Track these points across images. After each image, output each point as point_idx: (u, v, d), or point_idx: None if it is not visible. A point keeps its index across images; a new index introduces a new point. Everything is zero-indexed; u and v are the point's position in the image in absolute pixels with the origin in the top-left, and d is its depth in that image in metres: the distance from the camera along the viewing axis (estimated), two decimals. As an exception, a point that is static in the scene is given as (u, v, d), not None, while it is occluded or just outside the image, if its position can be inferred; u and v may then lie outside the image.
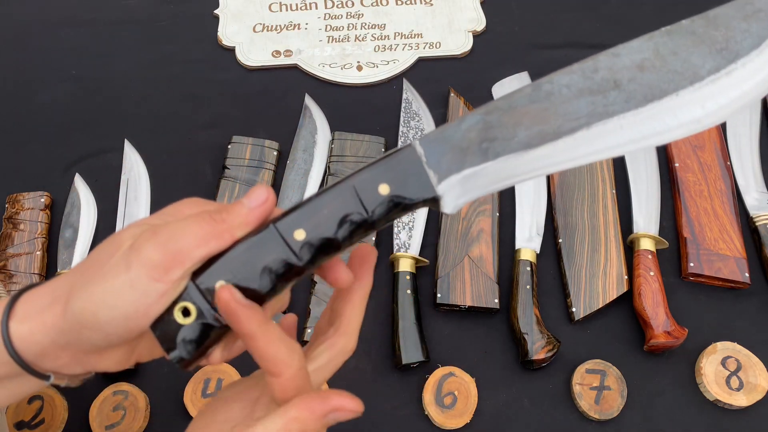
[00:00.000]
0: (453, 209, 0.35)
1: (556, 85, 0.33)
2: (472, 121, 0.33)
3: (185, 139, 0.86)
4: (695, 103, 0.32)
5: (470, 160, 0.33)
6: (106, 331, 0.37)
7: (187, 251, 0.35)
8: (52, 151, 0.85)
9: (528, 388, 0.68)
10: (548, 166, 0.33)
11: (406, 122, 0.85)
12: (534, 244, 0.75)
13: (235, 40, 0.96)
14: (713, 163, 0.79)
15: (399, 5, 1.00)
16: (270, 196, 0.38)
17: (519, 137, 0.32)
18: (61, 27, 0.98)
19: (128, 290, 0.35)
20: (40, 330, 0.38)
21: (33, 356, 0.39)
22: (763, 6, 0.33)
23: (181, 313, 0.36)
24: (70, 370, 0.40)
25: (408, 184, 0.35)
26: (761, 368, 0.67)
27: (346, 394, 0.37)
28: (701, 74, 0.32)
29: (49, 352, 0.39)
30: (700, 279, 0.73)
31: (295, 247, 0.36)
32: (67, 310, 0.37)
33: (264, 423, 0.36)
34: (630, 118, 0.32)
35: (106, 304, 0.36)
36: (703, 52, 0.33)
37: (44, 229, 0.77)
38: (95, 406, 0.65)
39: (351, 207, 0.35)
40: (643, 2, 1.00)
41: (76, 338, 0.38)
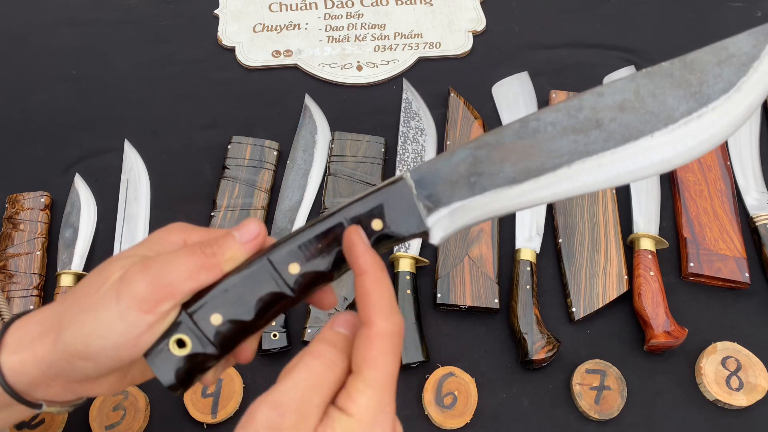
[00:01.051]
0: (439, 240, 0.36)
1: (542, 123, 0.34)
2: (462, 155, 0.35)
3: (185, 139, 0.86)
4: (668, 144, 0.33)
5: (459, 193, 0.35)
6: (97, 361, 0.37)
7: (176, 285, 0.36)
8: (52, 151, 0.85)
9: (528, 388, 0.68)
10: (532, 201, 0.35)
11: (406, 122, 0.85)
12: (534, 244, 0.75)
13: (235, 40, 0.96)
14: (713, 163, 0.79)
15: (399, 5, 1.00)
16: (262, 231, 0.38)
17: (505, 172, 0.34)
18: (61, 27, 0.98)
19: (118, 321, 0.36)
20: (30, 361, 0.38)
21: (24, 386, 0.39)
22: (735, 51, 0.34)
23: (176, 344, 0.37)
24: (61, 398, 0.41)
25: (399, 219, 0.36)
26: (761, 368, 0.67)
27: None
28: (675, 116, 0.34)
29: (40, 382, 0.39)
30: (700, 279, 0.74)
31: (289, 281, 0.37)
32: (58, 341, 0.37)
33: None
34: (608, 156, 0.33)
35: (97, 334, 0.36)
36: (678, 94, 0.34)
37: (44, 229, 0.77)
38: (95, 406, 0.65)
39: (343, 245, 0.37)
40: (643, 2, 1.00)
41: (67, 368, 0.38)
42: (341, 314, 0.37)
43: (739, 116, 0.34)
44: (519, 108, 0.87)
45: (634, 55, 0.93)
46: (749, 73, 0.34)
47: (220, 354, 0.37)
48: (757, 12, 0.98)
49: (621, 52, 0.94)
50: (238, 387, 0.66)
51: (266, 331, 0.69)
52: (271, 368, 0.69)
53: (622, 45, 0.95)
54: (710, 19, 0.97)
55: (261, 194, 0.79)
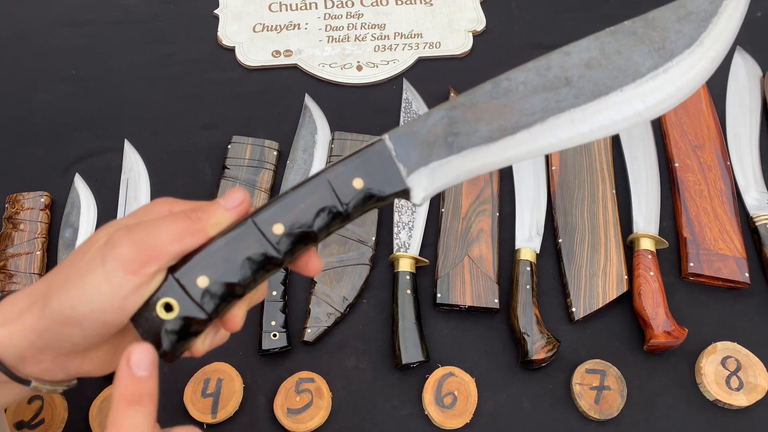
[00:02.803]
0: (422, 200, 0.37)
1: (513, 83, 0.36)
2: (438, 116, 0.36)
3: (185, 139, 0.86)
4: (637, 98, 0.35)
5: (437, 153, 0.36)
6: (84, 326, 0.37)
7: (162, 247, 0.36)
8: (52, 151, 0.85)
9: (528, 388, 0.68)
10: (509, 159, 0.36)
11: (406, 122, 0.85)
12: (534, 244, 0.75)
13: (235, 40, 0.96)
14: (713, 163, 0.79)
15: (399, 5, 1.00)
16: (246, 198, 0.39)
17: (481, 132, 0.35)
18: (61, 27, 0.98)
19: (104, 283, 0.36)
20: (19, 333, 0.38)
21: (13, 360, 0.39)
22: (694, 9, 0.36)
23: (164, 308, 0.37)
24: (51, 376, 0.41)
25: (380, 178, 0.37)
26: (761, 368, 0.67)
27: None
28: (642, 71, 0.35)
29: (29, 355, 0.39)
30: (700, 279, 0.73)
31: (273, 241, 0.37)
32: (45, 309, 0.37)
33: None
34: (580, 112, 0.35)
35: (83, 298, 0.36)
36: (643, 51, 0.35)
37: (44, 229, 0.77)
38: (95, 406, 0.65)
39: (327, 201, 0.37)
40: (643, 2, 1.00)
41: (55, 338, 0.38)
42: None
43: (702, 70, 0.35)
44: (519, 108, 0.87)
45: (634, 55, 0.93)
46: (709, 29, 0.35)
47: (208, 318, 0.37)
48: (757, 12, 0.98)
49: (621, 52, 0.94)
50: (238, 387, 0.66)
51: (266, 331, 0.69)
52: (270, 368, 0.69)
53: (622, 45, 0.94)
54: (710, 19, 0.97)
55: (261, 194, 0.79)
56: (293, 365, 0.69)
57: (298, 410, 0.65)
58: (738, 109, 0.86)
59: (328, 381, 0.67)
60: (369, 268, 0.75)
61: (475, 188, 0.78)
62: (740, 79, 0.89)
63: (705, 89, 0.86)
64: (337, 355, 0.70)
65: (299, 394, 0.66)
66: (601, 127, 0.35)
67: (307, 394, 0.66)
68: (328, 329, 0.71)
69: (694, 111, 0.84)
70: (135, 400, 0.36)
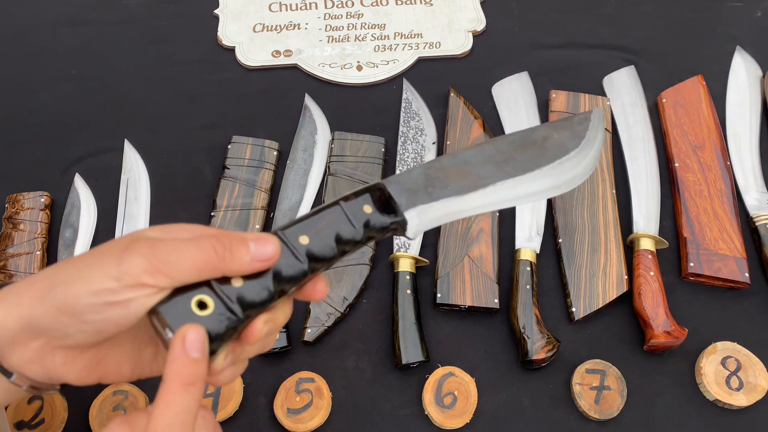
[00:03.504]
0: (414, 234, 0.44)
1: (469, 156, 0.47)
2: (417, 173, 0.45)
3: (185, 139, 0.86)
4: (550, 176, 0.48)
5: (421, 198, 0.44)
6: (82, 318, 0.37)
7: (179, 272, 0.37)
8: (52, 151, 0.85)
9: (528, 388, 0.68)
10: (475, 208, 0.46)
11: (406, 122, 0.85)
12: (534, 244, 0.75)
13: (235, 40, 0.96)
14: (713, 163, 0.79)
15: (399, 5, 1.00)
16: (275, 255, 0.39)
17: (451, 187, 0.45)
18: (61, 27, 0.98)
19: (113, 282, 0.36)
20: (15, 315, 0.38)
21: (2, 343, 0.39)
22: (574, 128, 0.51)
23: (197, 305, 0.37)
24: (32, 372, 0.40)
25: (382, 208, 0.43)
26: (761, 368, 0.67)
27: None
28: (549, 160, 0.48)
29: (18, 340, 0.39)
30: (700, 279, 0.73)
31: (299, 252, 0.40)
32: (48, 295, 0.38)
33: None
34: (517, 180, 0.46)
35: (89, 289, 0.36)
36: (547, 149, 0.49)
37: (44, 229, 0.77)
38: (95, 406, 0.65)
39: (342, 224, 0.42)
40: (643, 2, 1.00)
41: (50, 326, 0.38)
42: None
43: (587, 164, 0.50)
44: (519, 108, 0.87)
45: (634, 55, 0.93)
46: (585, 139, 0.51)
47: (238, 321, 0.38)
48: (756, 12, 0.98)
49: (621, 52, 0.94)
50: (238, 387, 0.66)
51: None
52: (270, 368, 0.69)
53: (622, 45, 0.95)
54: (710, 19, 0.97)
55: (261, 194, 0.79)
56: (293, 365, 0.69)
57: (298, 410, 0.65)
58: (738, 109, 0.86)
59: (328, 381, 0.67)
60: (369, 268, 0.75)
61: (475, 188, 0.78)
62: (740, 79, 0.89)
63: (705, 89, 0.86)
64: (337, 355, 0.70)
65: (299, 394, 0.66)
66: (533, 192, 0.47)
67: (307, 394, 0.66)
68: (328, 329, 0.71)
69: (694, 111, 0.84)
70: (190, 381, 0.36)
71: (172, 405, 0.36)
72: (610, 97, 0.88)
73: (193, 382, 0.36)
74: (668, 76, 0.90)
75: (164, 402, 0.36)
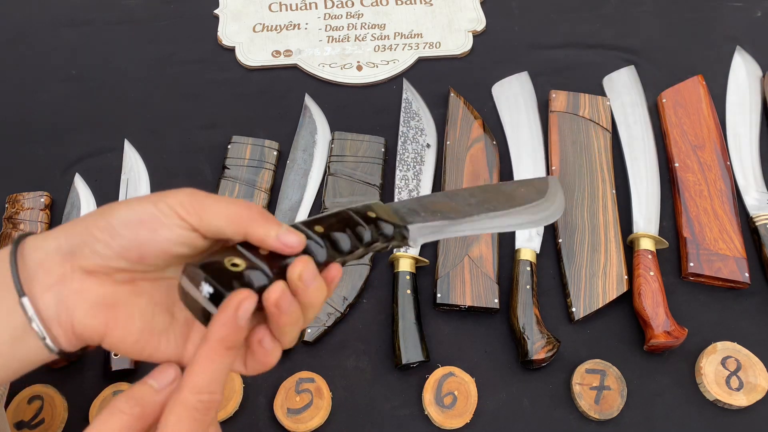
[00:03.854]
0: (415, 241, 0.48)
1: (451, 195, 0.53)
2: (411, 202, 0.50)
3: (185, 139, 0.86)
4: (525, 214, 0.54)
5: (416, 218, 0.48)
6: (115, 230, 0.39)
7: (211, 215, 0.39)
8: (52, 151, 0.85)
9: (528, 388, 0.68)
10: (467, 231, 0.50)
11: (406, 122, 0.85)
12: (534, 244, 0.75)
13: (235, 40, 0.96)
14: (713, 163, 0.79)
15: (399, 5, 1.00)
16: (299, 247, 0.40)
17: (443, 213, 0.49)
18: (61, 27, 0.98)
19: (152, 206, 0.39)
20: (53, 233, 0.40)
21: (32, 263, 0.39)
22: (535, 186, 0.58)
23: (231, 264, 0.38)
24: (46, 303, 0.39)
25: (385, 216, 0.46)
26: (761, 368, 0.67)
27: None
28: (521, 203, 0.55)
29: (46, 261, 0.39)
30: (700, 279, 0.73)
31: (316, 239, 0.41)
32: (83, 217, 0.40)
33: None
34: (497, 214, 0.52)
35: (128, 210, 0.39)
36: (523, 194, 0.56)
37: (44, 229, 0.77)
38: (95, 406, 0.65)
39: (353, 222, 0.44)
40: (643, 2, 1.00)
41: (81, 243, 0.39)
42: (161, 366, 0.40)
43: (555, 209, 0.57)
44: (519, 108, 0.87)
45: (634, 55, 0.93)
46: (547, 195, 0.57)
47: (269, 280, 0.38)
48: (756, 12, 0.98)
49: (621, 52, 0.94)
50: (238, 387, 0.66)
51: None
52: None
53: (622, 45, 0.95)
54: (710, 19, 0.97)
55: (261, 194, 0.79)
56: (293, 365, 0.69)
57: (298, 410, 0.65)
58: (738, 109, 0.86)
59: (328, 381, 0.67)
60: (369, 268, 0.75)
61: (475, 188, 0.79)
62: (740, 79, 0.89)
63: (705, 89, 0.86)
64: (337, 355, 0.70)
65: (299, 394, 0.66)
66: (509, 225, 0.53)
67: (307, 394, 0.66)
68: (328, 329, 0.71)
69: (694, 111, 0.84)
70: (231, 345, 0.37)
71: (214, 363, 0.37)
72: (610, 97, 0.88)
73: (232, 347, 0.38)
74: (668, 76, 0.90)
75: (207, 359, 0.37)
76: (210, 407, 0.37)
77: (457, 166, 0.80)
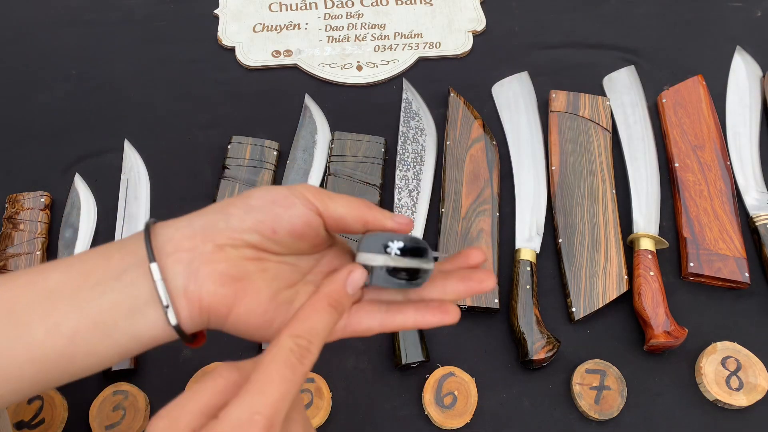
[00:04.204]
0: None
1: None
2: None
3: (185, 139, 0.86)
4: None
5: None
6: (249, 208, 0.41)
7: (334, 203, 0.43)
8: (52, 151, 0.85)
9: (528, 388, 0.68)
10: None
11: (406, 122, 0.85)
12: (534, 244, 0.75)
13: (235, 40, 0.96)
14: (713, 163, 0.79)
15: (399, 5, 1.00)
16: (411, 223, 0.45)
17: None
18: (61, 27, 0.98)
19: (285, 190, 0.42)
20: (184, 217, 0.42)
21: (162, 237, 0.40)
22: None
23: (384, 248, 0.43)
24: (175, 270, 0.39)
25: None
26: (761, 368, 0.67)
27: None
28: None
29: (176, 236, 0.40)
30: (700, 279, 0.73)
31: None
32: (223, 201, 0.43)
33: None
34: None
35: (264, 190, 0.42)
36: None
37: (44, 229, 0.77)
38: (95, 406, 0.65)
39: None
40: (643, 2, 1.00)
41: (215, 219, 0.41)
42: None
43: None
44: (519, 108, 0.87)
45: (634, 55, 0.93)
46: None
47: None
48: (756, 12, 0.98)
49: (621, 52, 0.94)
50: (238, 387, 0.66)
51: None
52: (271, 368, 0.69)
53: (622, 45, 0.95)
54: (710, 19, 0.97)
55: (261, 194, 0.79)
56: (293, 365, 0.69)
57: (298, 410, 0.65)
58: (738, 109, 0.86)
59: (328, 381, 0.67)
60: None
61: (475, 188, 0.79)
62: (740, 79, 0.89)
63: (705, 89, 0.86)
64: (337, 355, 0.70)
65: (299, 394, 0.66)
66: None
67: (307, 394, 0.66)
68: (328, 329, 0.71)
69: (694, 111, 0.84)
70: (335, 305, 0.40)
71: (317, 314, 0.40)
72: (610, 97, 0.88)
73: (336, 308, 0.41)
74: (668, 76, 0.90)
75: (311, 308, 0.40)
76: (304, 356, 0.37)
77: (457, 166, 0.80)
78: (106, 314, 0.39)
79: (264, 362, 0.36)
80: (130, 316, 0.39)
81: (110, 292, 0.39)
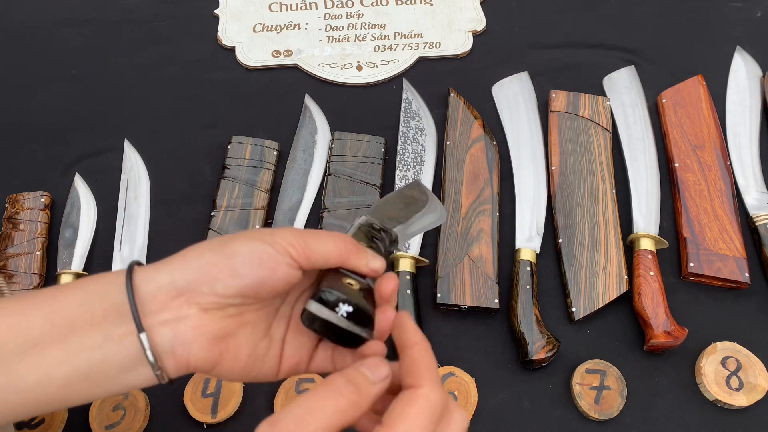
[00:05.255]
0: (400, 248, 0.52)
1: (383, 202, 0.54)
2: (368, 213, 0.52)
3: (185, 139, 0.86)
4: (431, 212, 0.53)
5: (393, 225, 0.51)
6: (233, 270, 0.40)
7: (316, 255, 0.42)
8: (52, 151, 0.85)
9: (528, 388, 0.68)
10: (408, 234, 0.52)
11: (406, 122, 0.85)
12: (534, 244, 0.75)
13: (235, 40, 0.96)
14: (713, 163, 0.79)
15: (399, 5, 1.00)
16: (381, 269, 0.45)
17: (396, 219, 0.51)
18: (61, 27, 0.98)
19: (268, 245, 0.41)
20: (164, 267, 0.41)
21: (144, 295, 0.40)
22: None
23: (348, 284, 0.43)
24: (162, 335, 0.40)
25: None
26: (761, 368, 0.67)
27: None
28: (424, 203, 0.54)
29: (159, 295, 0.40)
30: (700, 279, 0.73)
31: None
32: (204, 253, 0.40)
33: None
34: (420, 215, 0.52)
35: (246, 245, 0.41)
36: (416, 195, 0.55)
37: (44, 229, 0.77)
38: (95, 406, 0.65)
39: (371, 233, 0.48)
40: (643, 2, 1.00)
41: (199, 281, 0.40)
42: (371, 359, 0.40)
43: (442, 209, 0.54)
44: (519, 108, 0.87)
45: (634, 55, 0.93)
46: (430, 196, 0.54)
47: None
48: (757, 12, 0.98)
49: (621, 52, 0.94)
50: (237, 387, 0.66)
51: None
52: (271, 368, 0.69)
53: (622, 45, 0.95)
54: (710, 19, 0.97)
55: (261, 194, 0.79)
56: (293, 365, 0.69)
57: (298, 410, 0.65)
58: (738, 109, 0.86)
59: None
60: (369, 268, 0.75)
61: (475, 188, 0.79)
62: (740, 79, 0.89)
63: (705, 89, 0.86)
64: (337, 355, 0.70)
65: (299, 394, 0.66)
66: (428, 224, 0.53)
67: (307, 394, 0.66)
68: (328, 329, 0.71)
69: (694, 111, 0.84)
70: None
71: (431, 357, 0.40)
72: (610, 97, 0.88)
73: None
74: (668, 76, 0.90)
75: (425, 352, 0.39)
76: (442, 406, 0.38)
77: (457, 166, 0.80)
78: (96, 369, 0.40)
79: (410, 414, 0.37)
80: (121, 372, 0.40)
81: (98, 349, 0.40)
